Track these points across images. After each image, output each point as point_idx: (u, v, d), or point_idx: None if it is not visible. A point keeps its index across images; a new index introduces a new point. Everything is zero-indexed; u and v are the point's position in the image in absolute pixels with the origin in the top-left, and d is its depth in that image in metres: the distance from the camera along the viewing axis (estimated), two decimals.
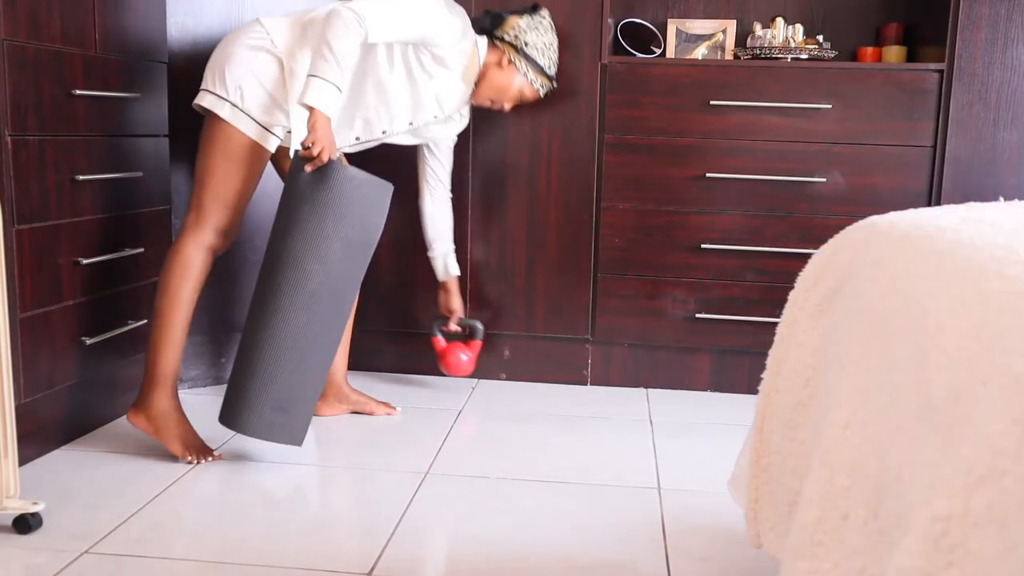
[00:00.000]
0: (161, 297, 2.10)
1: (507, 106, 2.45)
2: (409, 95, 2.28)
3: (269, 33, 2.13)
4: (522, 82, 2.41)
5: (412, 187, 2.82)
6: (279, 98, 2.13)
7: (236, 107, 2.09)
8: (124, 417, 2.42)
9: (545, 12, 2.45)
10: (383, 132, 2.33)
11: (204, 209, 2.11)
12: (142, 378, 2.13)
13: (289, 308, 1.99)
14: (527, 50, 2.38)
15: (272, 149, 2.17)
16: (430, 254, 2.64)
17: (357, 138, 2.33)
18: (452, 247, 2.64)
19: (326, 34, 1.98)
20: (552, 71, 2.45)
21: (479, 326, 2.76)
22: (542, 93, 2.46)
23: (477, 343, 2.76)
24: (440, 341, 2.75)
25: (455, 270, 2.65)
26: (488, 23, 2.41)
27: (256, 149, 2.13)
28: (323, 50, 1.98)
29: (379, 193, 2.06)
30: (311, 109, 1.97)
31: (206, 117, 2.14)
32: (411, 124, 2.34)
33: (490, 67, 2.38)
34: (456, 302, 2.66)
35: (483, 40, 2.39)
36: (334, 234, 1.99)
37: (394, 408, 2.54)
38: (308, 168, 1.99)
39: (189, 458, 2.09)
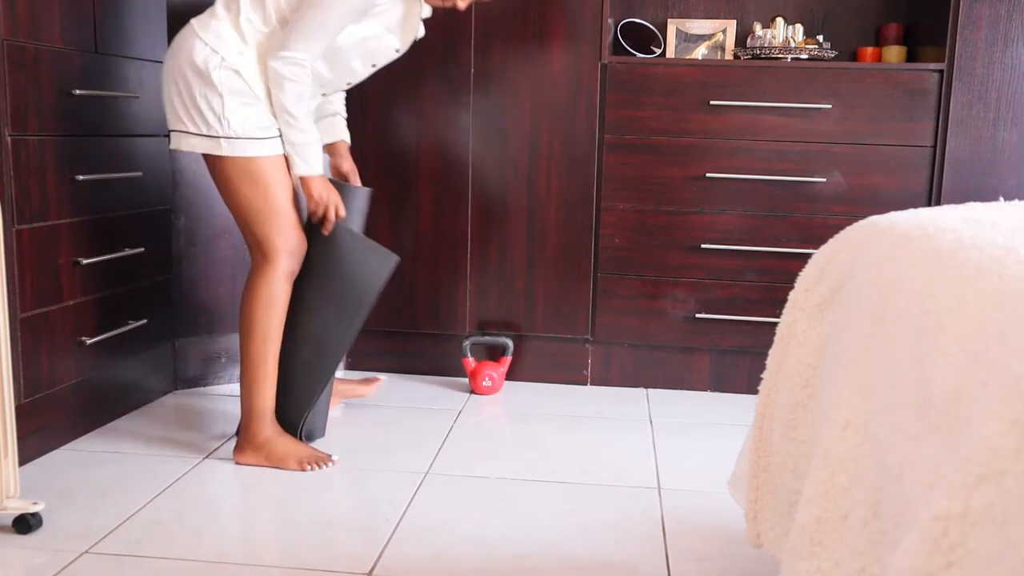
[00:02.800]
0: (251, 338, 2.06)
1: (461, 4, 2.15)
2: (365, 50, 2.12)
3: (213, 48, 1.97)
4: None
5: (412, 186, 2.82)
6: (263, 99, 2.02)
7: (232, 138, 1.99)
8: (121, 419, 2.42)
9: None
10: (348, 84, 2.22)
11: (266, 243, 2.05)
12: (241, 417, 2.11)
13: (291, 342, 2.16)
14: None
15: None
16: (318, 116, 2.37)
17: (324, 94, 2.24)
18: (344, 112, 2.42)
19: (281, 101, 1.97)
20: None
21: (509, 342, 2.78)
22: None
23: (506, 359, 2.78)
24: (470, 362, 2.77)
25: (344, 133, 2.38)
26: None
27: (275, 160, 2.04)
28: (285, 119, 1.99)
29: (382, 260, 2.15)
30: (304, 179, 2.04)
31: (207, 159, 2.05)
32: (374, 66, 2.18)
33: None
34: (346, 164, 2.37)
35: None
36: (327, 291, 2.13)
37: (378, 377, 2.57)
38: (324, 231, 2.10)
39: (309, 468, 2.08)
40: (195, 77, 1.97)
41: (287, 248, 2.06)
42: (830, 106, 2.62)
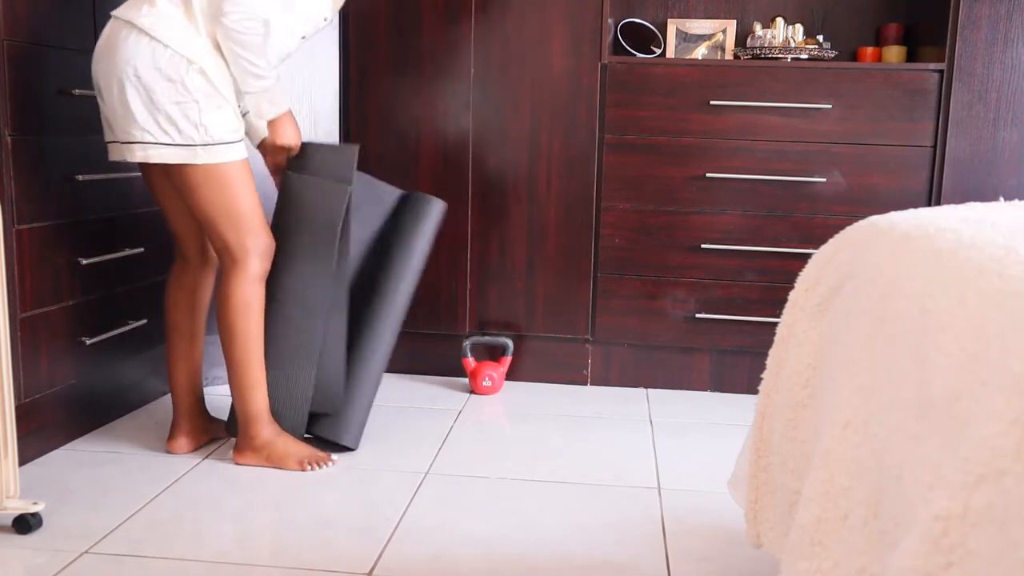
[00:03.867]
0: (232, 344, 2.03)
1: None
2: (293, 23, 2.05)
3: (175, 50, 1.86)
4: None
5: (412, 186, 2.82)
6: (231, 99, 1.95)
7: (208, 145, 1.91)
8: (121, 419, 2.42)
9: None
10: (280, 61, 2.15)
11: (236, 246, 2.00)
12: (238, 422, 2.09)
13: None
14: None
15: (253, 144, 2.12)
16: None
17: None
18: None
19: (244, 56, 1.90)
20: None
21: (509, 342, 2.78)
22: None
23: (506, 359, 2.79)
24: (470, 362, 2.77)
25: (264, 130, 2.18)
26: None
27: (244, 162, 1.99)
28: (251, 71, 1.92)
29: (334, 191, 2.11)
30: (274, 122, 2.03)
31: (170, 167, 1.95)
32: (303, 39, 2.12)
33: None
34: (279, 157, 2.18)
35: None
36: (289, 244, 2.11)
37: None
38: (277, 185, 2.12)
39: (309, 468, 2.07)
40: (164, 84, 1.85)
41: (259, 250, 2.02)
42: (830, 106, 2.62)
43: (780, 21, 2.79)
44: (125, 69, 1.85)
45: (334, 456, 2.14)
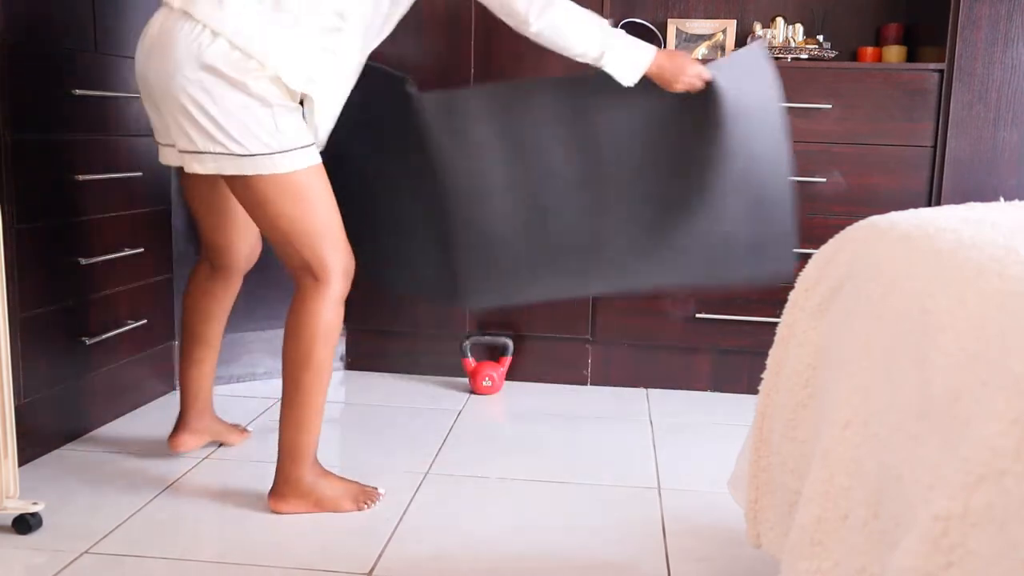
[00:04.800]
0: (306, 370, 1.79)
1: None
2: None
3: (241, 47, 1.63)
4: None
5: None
6: (295, 101, 1.73)
7: (281, 152, 1.69)
8: (122, 419, 2.42)
9: None
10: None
11: (318, 264, 1.77)
12: (279, 461, 1.85)
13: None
14: None
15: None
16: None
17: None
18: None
19: (571, 36, 1.79)
20: None
21: (509, 342, 2.78)
22: None
23: (506, 359, 2.79)
24: (470, 362, 2.77)
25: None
26: None
27: (317, 169, 1.76)
28: (583, 43, 1.80)
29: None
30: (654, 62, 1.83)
31: (233, 178, 1.73)
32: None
33: None
34: None
35: None
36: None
37: (247, 430, 2.30)
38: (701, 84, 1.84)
39: (365, 507, 1.89)
40: (235, 95, 1.64)
41: (341, 267, 1.80)
42: (830, 106, 2.62)
43: (780, 21, 2.79)
44: (183, 68, 1.63)
45: (381, 489, 1.97)
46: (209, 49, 1.63)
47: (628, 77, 1.85)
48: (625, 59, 1.84)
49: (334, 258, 1.78)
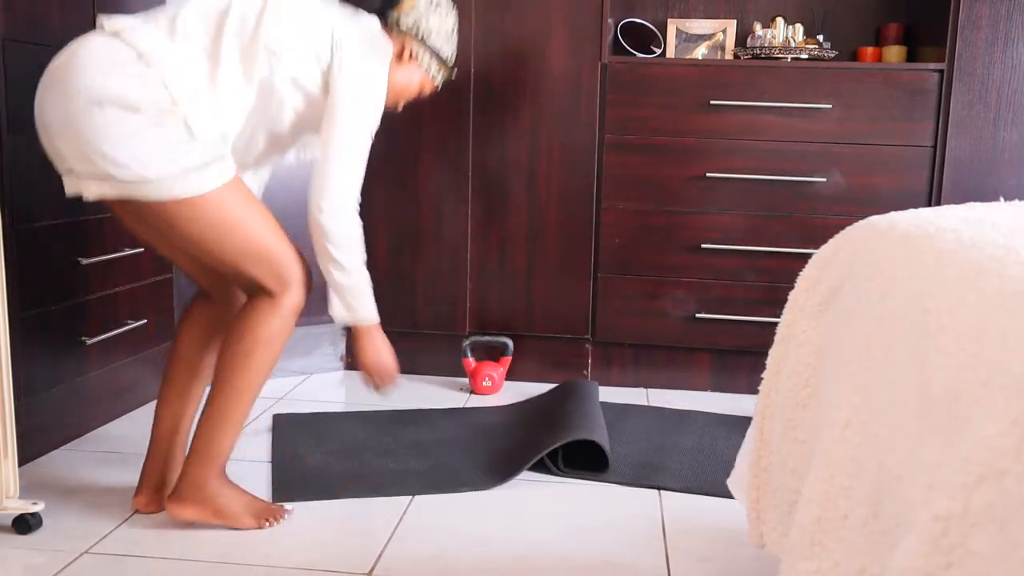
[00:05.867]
0: (239, 372, 1.70)
1: (401, 106, 1.98)
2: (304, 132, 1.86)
3: (161, 79, 1.56)
4: (423, 77, 1.93)
5: (412, 186, 2.82)
6: (219, 113, 1.65)
7: (191, 169, 1.58)
8: (121, 419, 2.42)
9: None
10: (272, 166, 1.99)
11: (270, 281, 1.70)
12: (187, 463, 1.74)
13: None
14: (431, 40, 1.88)
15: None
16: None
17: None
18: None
19: (335, 254, 1.73)
20: (453, 59, 1.97)
21: (509, 342, 2.78)
22: (439, 86, 1.99)
23: (506, 359, 2.79)
24: (470, 362, 2.77)
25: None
26: (380, 2, 1.88)
27: (234, 181, 1.67)
28: (336, 262, 1.74)
29: None
30: (359, 329, 1.84)
31: (155, 204, 1.61)
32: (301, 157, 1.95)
33: (390, 64, 1.86)
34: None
35: (376, 22, 1.87)
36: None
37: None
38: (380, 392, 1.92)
39: (267, 524, 1.78)
40: (138, 121, 1.56)
41: (296, 278, 1.72)
42: (830, 106, 2.62)
43: (780, 21, 2.79)
44: (80, 85, 1.56)
45: (287, 506, 1.87)
46: (107, 65, 1.57)
47: (340, 317, 1.82)
48: (347, 304, 1.81)
49: (285, 271, 1.71)
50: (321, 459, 2.14)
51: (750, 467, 1.43)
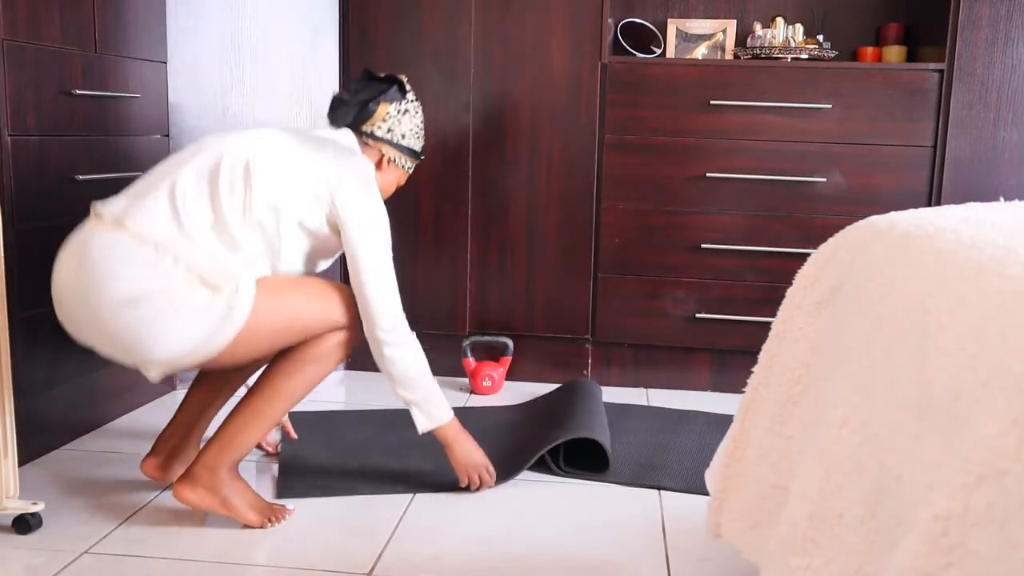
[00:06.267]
0: (288, 378, 1.77)
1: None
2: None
3: (184, 265, 1.63)
4: (400, 175, 2.03)
5: (412, 186, 2.82)
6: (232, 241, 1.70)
7: (226, 316, 1.64)
8: (121, 419, 2.42)
9: (409, 88, 2.00)
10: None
11: (324, 329, 1.78)
12: (206, 449, 1.77)
13: None
14: (404, 142, 1.98)
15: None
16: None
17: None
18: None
19: (403, 381, 1.85)
20: (423, 149, 2.08)
21: (509, 342, 2.78)
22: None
23: (506, 359, 2.79)
24: (470, 362, 2.77)
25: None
26: (353, 116, 1.94)
27: (256, 286, 1.71)
28: (409, 387, 1.85)
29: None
30: (442, 432, 1.92)
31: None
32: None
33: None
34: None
35: (352, 138, 1.95)
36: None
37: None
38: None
39: (269, 524, 1.80)
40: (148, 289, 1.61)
41: (348, 321, 1.81)
42: (830, 106, 2.62)
43: (780, 21, 2.79)
44: (106, 294, 1.60)
45: (288, 505, 1.88)
46: (126, 253, 1.62)
47: (422, 426, 1.91)
48: (426, 413, 1.91)
49: (341, 315, 1.80)
50: (322, 458, 2.14)
51: (723, 457, 1.43)
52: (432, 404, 1.90)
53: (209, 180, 1.70)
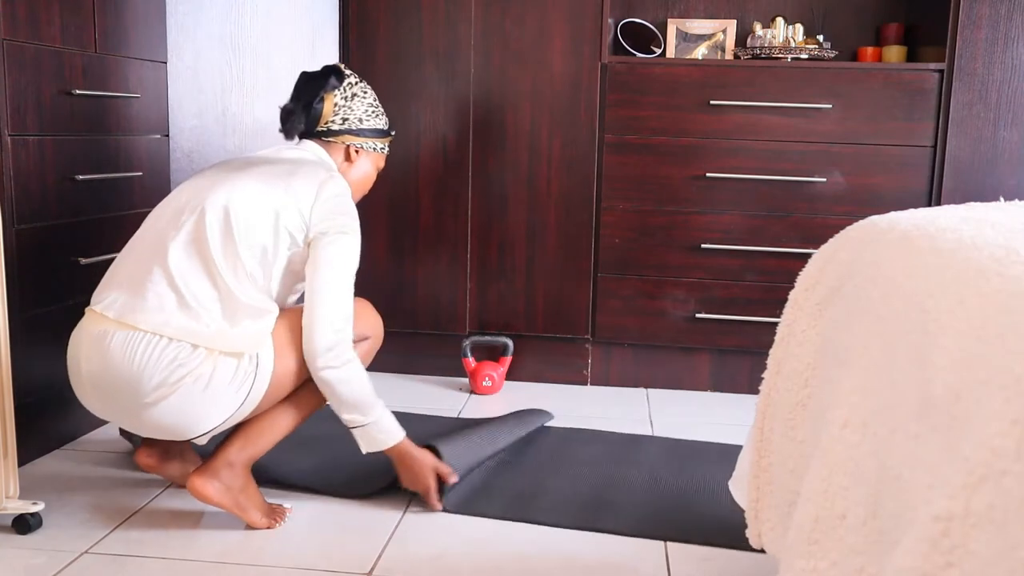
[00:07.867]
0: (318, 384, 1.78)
1: (368, 190, 2.07)
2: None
3: (203, 347, 1.64)
4: (376, 158, 2.02)
5: (412, 186, 2.82)
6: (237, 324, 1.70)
7: (252, 372, 1.68)
8: None
9: (348, 71, 1.99)
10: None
11: (358, 331, 1.86)
12: (227, 443, 1.78)
13: None
14: (364, 125, 1.96)
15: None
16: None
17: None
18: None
19: (350, 397, 1.76)
20: (389, 125, 2.05)
21: (509, 342, 2.78)
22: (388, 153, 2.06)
23: (506, 359, 2.79)
24: (470, 362, 2.77)
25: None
26: (304, 122, 1.92)
27: (270, 335, 1.74)
28: (349, 409, 1.78)
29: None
30: (391, 453, 1.85)
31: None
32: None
33: (343, 171, 1.95)
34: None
35: (315, 147, 1.94)
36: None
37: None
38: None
39: (276, 524, 1.81)
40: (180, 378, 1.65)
41: (370, 331, 1.93)
42: (830, 106, 2.62)
43: (780, 21, 2.79)
44: (140, 394, 1.63)
45: (286, 504, 1.89)
46: (153, 351, 1.63)
47: (368, 450, 1.84)
48: (372, 435, 1.82)
49: (357, 332, 1.84)
50: (322, 458, 2.14)
51: (751, 467, 1.43)
52: (380, 432, 1.82)
53: (199, 252, 1.69)
